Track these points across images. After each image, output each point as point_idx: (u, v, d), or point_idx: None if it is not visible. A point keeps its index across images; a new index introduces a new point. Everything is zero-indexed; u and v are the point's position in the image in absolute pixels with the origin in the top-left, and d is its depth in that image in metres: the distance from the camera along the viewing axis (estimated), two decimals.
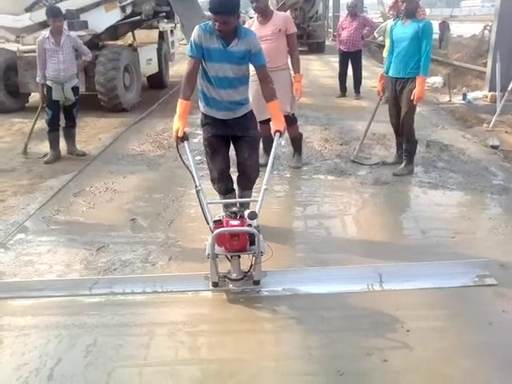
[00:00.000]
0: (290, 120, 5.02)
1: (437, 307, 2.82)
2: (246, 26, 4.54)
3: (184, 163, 3.10)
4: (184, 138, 3.12)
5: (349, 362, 2.38)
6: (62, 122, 5.62)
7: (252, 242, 2.80)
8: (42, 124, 5.78)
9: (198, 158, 5.19)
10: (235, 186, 3.62)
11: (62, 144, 5.68)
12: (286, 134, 5.33)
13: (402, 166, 4.98)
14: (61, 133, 5.63)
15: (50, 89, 5.32)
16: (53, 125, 5.49)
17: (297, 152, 5.31)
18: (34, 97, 7.83)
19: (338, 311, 2.78)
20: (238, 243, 2.78)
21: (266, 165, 5.06)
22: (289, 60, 4.89)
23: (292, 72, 4.86)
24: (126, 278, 3.15)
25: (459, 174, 4.96)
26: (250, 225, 2.79)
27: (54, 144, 5.55)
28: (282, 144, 5.83)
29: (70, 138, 5.73)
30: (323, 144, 6.08)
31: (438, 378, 2.30)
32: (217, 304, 2.89)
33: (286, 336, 2.60)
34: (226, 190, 3.52)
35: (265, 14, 4.67)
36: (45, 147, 5.78)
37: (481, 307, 2.81)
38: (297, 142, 5.29)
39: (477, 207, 4.34)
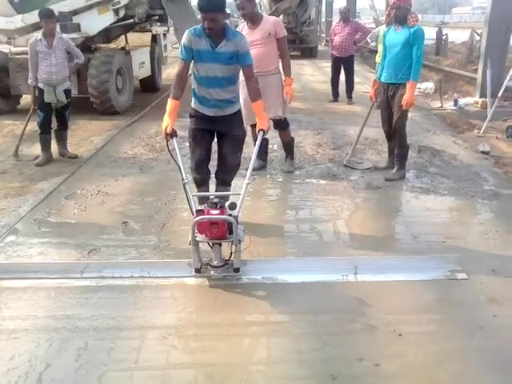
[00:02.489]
0: (282, 124, 5.03)
1: (428, 311, 2.83)
2: (237, 29, 4.57)
3: (173, 157, 3.31)
4: (172, 134, 3.32)
5: (341, 366, 2.38)
6: (54, 125, 5.59)
7: (231, 231, 2.96)
8: (33, 126, 5.73)
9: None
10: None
11: (54, 146, 5.65)
12: (279, 139, 5.36)
13: (394, 170, 5.01)
14: (52, 135, 5.60)
15: (41, 91, 5.29)
16: (45, 127, 5.45)
17: (289, 156, 5.31)
18: (26, 99, 7.78)
19: (330, 315, 2.78)
20: (218, 231, 2.95)
21: (259, 168, 5.13)
22: (280, 64, 4.90)
23: (283, 76, 4.87)
24: (115, 262, 3.33)
25: (450, 179, 5.00)
26: (230, 215, 2.95)
27: (46, 146, 5.51)
28: (274, 148, 5.86)
29: (62, 140, 5.69)
30: (316, 148, 6.10)
31: (430, 382, 2.30)
32: (208, 307, 2.88)
33: (277, 340, 2.59)
34: (201, 180, 3.67)
35: (253, 20, 4.66)
36: (36, 149, 5.75)
37: (472, 312, 2.82)
38: (289, 146, 5.30)
39: (468, 212, 4.37)
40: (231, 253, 3.08)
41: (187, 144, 3.79)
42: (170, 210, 4.23)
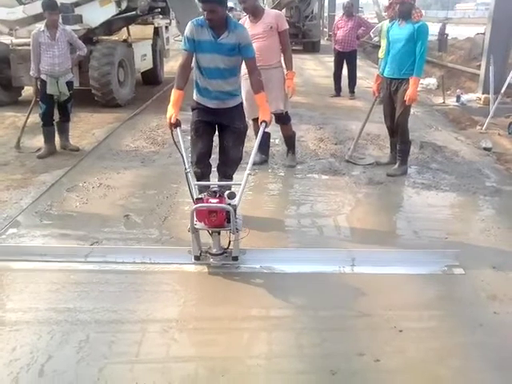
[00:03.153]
0: (284, 119, 5.02)
1: (429, 308, 2.83)
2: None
3: (177, 146, 3.36)
4: (176, 124, 3.36)
5: (341, 361, 2.39)
6: (56, 117, 5.57)
7: (229, 220, 3.00)
8: (35, 118, 5.74)
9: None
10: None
11: (56, 139, 5.63)
12: (280, 133, 5.35)
13: (396, 166, 5.00)
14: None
15: (44, 83, 5.28)
16: (47, 119, 5.44)
17: (290, 151, 5.30)
18: (27, 90, 7.76)
19: (331, 310, 2.79)
20: (216, 219, 3.01)
21: (260, 163, 5.12)
22: (282, 58, 4.88)
23: (285, 70, 4.85)
24: (119, 248, 3.42)
25: (452, 175, 4.99)
26: (229, 204, 3.00)
27: (49, 138, 5.50)
28: (276, 143, 5.85)
29: (64, 132, 5.68)
30: (318, 143, 6.09)
31: (430, 378, 2.31)
32: (209, 301, 2.89)
33: (278, 334, 2.59)
34: (201, 174, 3.67)
35: (255, 14, 4.64)
36: (38, 141, 5.74)
37: (473, 308, 2.83)
38: (290, 140, 5.29)
39: (469, 208, 4.37)
40: (229, 241, 3.14)
41: (189, 137, 3.81)
42: (172, 204, 4.22)
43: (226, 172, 3.72)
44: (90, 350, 2.43)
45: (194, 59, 3.50)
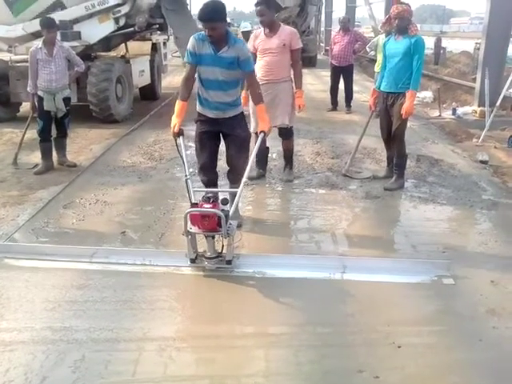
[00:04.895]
0: (287, 133, 5.05)
1: (428, 323, 2.81)
2: (252, 35, 4.85)
3: (180, 154, 3.56)
4: (180, 133, 3.57)
5: (340, 378, 2.37)
6: (53, 133, 5.58)
7: (221, 225, 3.11)
8: (32, 134, 5.74)
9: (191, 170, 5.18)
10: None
11: (53, 154, 5.63)
12: (278, 148, 5.36)
13: (393, 180, 5.00)
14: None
15: (41, 99, 5.30)
16: (44, 135, 5.45)
17: (288, 165, 5.31)
18: (25, 106, 7.77)
19: (329, 327, 2.77)
20: (209, 223, 3.12)
21: (258, 177, 5.13)
22: (292, 73, 4.91)
23: (294, 85, 4.87)
24: (121, 250, 3.61)
25: (449, 188, 5.00)
26: (223, 210, 3.12)
27: (47, 154, 5.50)
28: (273, 157, 5.85)
29: (61, 148, 5.68)
30: (315, 157, 6.10)
31: None
32: (206, 319, 2.86)
33: (276, 352, 2.57)
34: (208, 181, 3.89)
35: (271, 28, 4.72)
36: (35, 157, 5.74)
37: (472, 323, 2.81)
38: (289, 154, 5.30)
39: (467, 222, 4.36)
40: (222, 245, 3.26)
41: (192, 152, 3.90)
42: (169, 220, 4.21)
43: (234, 179, 3.84)
44: (85, 370, 2.39)
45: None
